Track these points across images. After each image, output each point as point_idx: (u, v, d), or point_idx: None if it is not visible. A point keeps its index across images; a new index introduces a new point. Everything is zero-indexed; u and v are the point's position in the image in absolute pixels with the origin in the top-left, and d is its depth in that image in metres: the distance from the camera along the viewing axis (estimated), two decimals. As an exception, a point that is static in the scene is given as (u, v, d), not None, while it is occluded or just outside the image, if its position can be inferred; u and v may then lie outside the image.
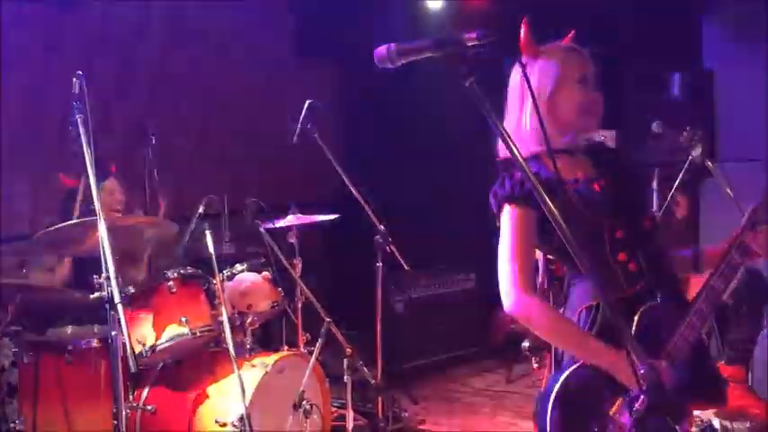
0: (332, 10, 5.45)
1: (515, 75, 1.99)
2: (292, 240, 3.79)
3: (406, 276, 4.94)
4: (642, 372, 1.34)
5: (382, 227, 3.81)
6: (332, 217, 3.87)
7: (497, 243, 1.89)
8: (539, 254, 2.04)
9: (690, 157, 2.99)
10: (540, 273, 1.95)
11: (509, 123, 1.95)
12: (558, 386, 1.68)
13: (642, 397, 1.33)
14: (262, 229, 3.50)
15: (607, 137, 5.46)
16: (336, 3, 5.46)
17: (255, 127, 5.41)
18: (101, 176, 3.55)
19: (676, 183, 3.15)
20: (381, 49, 1.55)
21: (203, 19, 5.23)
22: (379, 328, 3.92)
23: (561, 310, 1.90)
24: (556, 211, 1.44)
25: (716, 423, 3.53)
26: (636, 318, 1.76)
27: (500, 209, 1.88)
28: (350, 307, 4.82)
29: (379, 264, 3.89)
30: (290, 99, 3.88)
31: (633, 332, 1.76)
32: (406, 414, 4.22)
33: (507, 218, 1.85)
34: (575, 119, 1.91)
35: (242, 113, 5.50)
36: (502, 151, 1.95)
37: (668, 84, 5.29)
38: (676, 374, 1.70)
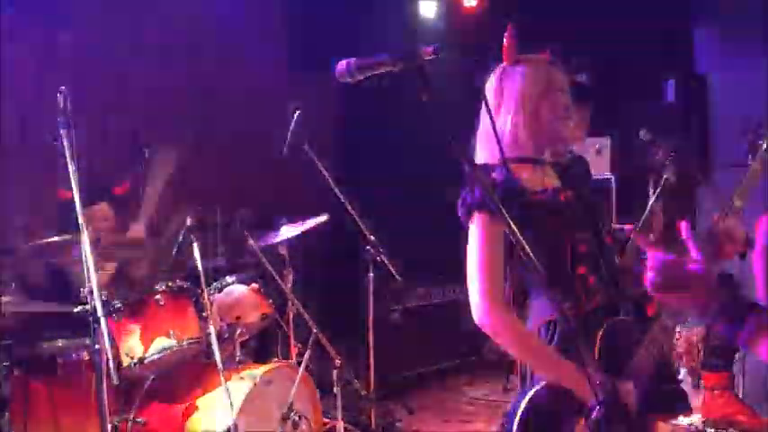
0: (328, 18, 5.48)
1: (489, 83, 2.00)
2: (283, 252, 3.80)
3: (402, 286, 4.94)
4: (599, 382, 1.34)
5: (372, 237, 3.81)
6: (321, 219, 3.83)
7: None
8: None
9: (664, 177, 2.99)
10: (506, 286, 1.95)
11: (481, 130, 1.96)
12: (522, 407, 1.68)
13: (598, 407, 1.32)
14: (251, 241, 3.51)
15: (602, 144, 5.49)
16: (333, 11, 5.49)
17: (252, 138, 5.43)
18: (95, 198, 3.60)
19: (654, 196, 3.14)
20: (342, 64, 1.57)
21: (199, 31, 5.27)
22: (371, 338, 3.93)
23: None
24: (512, 224, 1.44)
25: (711, 432, 3.52)
26: (600, 333, 1.75)
27: (469, 217, 1.86)
28: (347, 317, 4.84)
29: (371, 274, 3.90)
30: (287, 109, 3.88)
31: (598, 347, 1.76)
32: (400, 424, 4.22)
33: (477, 226, 1.83)
34: (559, 126, 1.93)
35: (239, 124, 5.53)
36: (479, 156, 1.97)
37: (662, 90, 5.30)
38: (641, 387, 1.70)
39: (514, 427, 1.69)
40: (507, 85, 1.92)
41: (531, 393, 1.73)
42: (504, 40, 1.96)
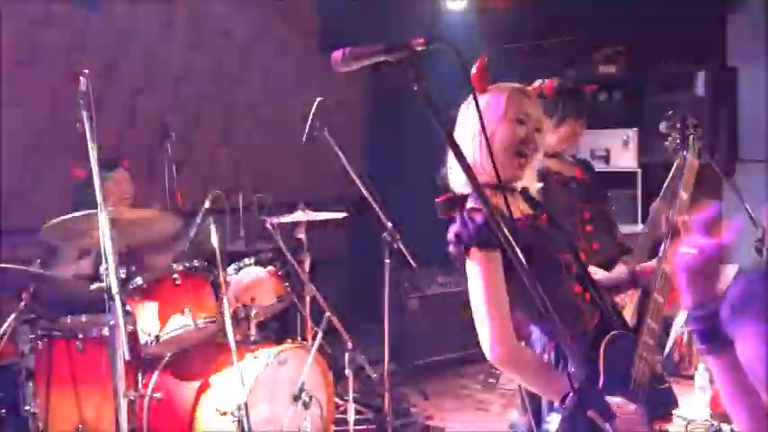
0: (356, 8, 5.51)
1: (465, 107, 1.94)
2: (301, 236, 3.86)
3: (422, 274, 4.99)
4: (572, 371, 1.37)
5: (390, 224, 3.85)
6: (340, 215, 3.91)
7: None
8: None
9: (675, 164, 2.94)
10: None
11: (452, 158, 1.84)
12: None
13: (572, 395, 1.35)
14: (269, 225, 3.58)
15: (628, 135, 5.44)
16: (360, 1, 5.51)
17: (277, 125, 5.51)
18: (110, 167, 3.70)
19: (662, 191, 3.09)
20: (337, 53, 1.59)
21: (228, 17, 5.35)
22: (386, 323, 3.97)
23: None
24: (520, 254, 1.41)
25: (725, 428, 3.50)
26: (602, 350, 1.74)
27: (466, 252, 1.77)
28: (368, 302, 4.90)
29: (387, 261, 3.93)
30: (313, 97, 3.94)
31: (603, 363, 1.75)
32: (414, 409, 4.26)
33: (477, 263, 1.75)
34: (506, 159, 1.86)
35: (264, 111, 5.61)
36: (455, 185, 1.90)
37: (692, 82, 5.22)
38: (643, 394, 1.74)
39: None
40: (470, 115, 1.87)
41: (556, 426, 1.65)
42: (474, 69, 1.88)
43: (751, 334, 1.17)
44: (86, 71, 2.72)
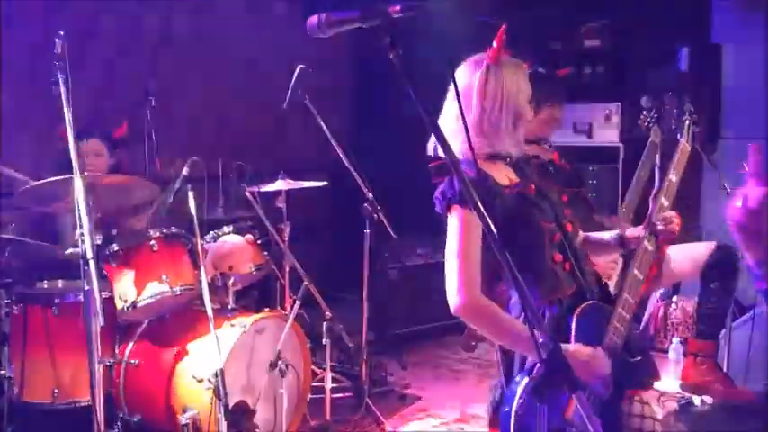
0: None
1: (466, 78, 1.98)
2: (281, 205, 3.86)
3: (402, 244, 5.00)
4: (542, 341, 1.38)
5: (370, 195, 3.85)
6: (319, 184, 3.91)
7: None
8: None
9: (649, 141, 2.95)
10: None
11: (449, 124, 1.95)
12: (518, 395, 1.71)
13: (539, 365, 1.36)
14: (247, 193, 3.56)
15: (611, 110, 5.44)
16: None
17: (259, 92, 5.45)
18: (84, 136, 3.66)
19: (632, 185, 3.10)
20: (313, 19, 1.58)
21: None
22: (365, 293, 3.99)
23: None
24: (488, 218, 1.44)
25: (696, 400, 3.57)
26: (574, 319, 1.81)
27: (449, 209, 1.89)
28: (347, 272, 4.90)
29: (368, 231, 3.95)
30: (296, 63, 3.88)
31: (574, 331, 1.82)
32: (392, 378, 4.30)
33: (456, 219, 1.86)
34: (517, 131, 1.97)
35: (246, 77, 5.55)
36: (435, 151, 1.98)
37: (675, 58, 5.22)
38: (613, 364, 1.79)
39: (512, 414, 1.69)
40: (493, 84, 1.92)
41: (523, 383, 1.71)
42: (496, 41, 1.93)
43: None
44: (62, 33, 2.67)
